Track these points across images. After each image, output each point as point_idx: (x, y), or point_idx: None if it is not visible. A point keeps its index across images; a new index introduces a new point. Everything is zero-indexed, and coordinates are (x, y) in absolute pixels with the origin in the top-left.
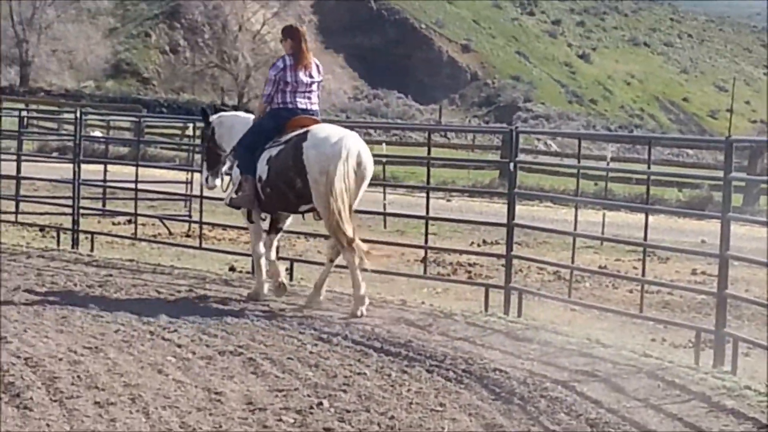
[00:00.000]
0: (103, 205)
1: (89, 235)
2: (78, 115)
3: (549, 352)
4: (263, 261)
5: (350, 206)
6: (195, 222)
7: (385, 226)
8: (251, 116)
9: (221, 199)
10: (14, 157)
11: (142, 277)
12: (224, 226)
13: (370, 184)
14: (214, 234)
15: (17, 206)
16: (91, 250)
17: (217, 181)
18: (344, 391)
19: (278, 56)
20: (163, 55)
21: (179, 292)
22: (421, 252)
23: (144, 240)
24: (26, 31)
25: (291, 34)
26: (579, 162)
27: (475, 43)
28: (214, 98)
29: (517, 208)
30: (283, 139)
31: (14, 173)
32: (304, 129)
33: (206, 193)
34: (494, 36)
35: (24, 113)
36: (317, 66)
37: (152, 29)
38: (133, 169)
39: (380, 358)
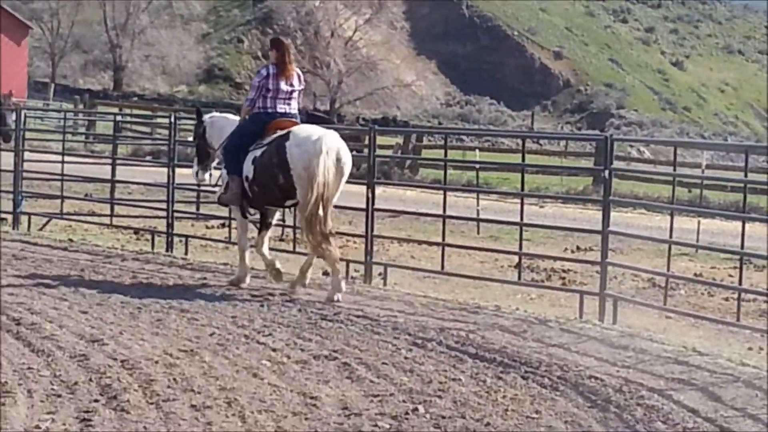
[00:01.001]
0: (197, 209)
1: (183, 239)
2: (172, 119)
3: (644, 360)
4: (247, 253)
5: (330, 198)
6: (288, 226)
7: (478, 232)
8: (237, 119)
9: None
10: (109, 160)
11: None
12: None
13: (464, 189)
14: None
15: (112, 209)
16: (186, 253)
17: (206, 175)
18: (439, 397)
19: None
20: (255, 61)
21: (273, 296)
22: (515, 258)
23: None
24: (120, 37)
25: (276, 45)
26: (675, 170)
27: (568, 50)
28: (306, 104)
29: (611, 214)
30: (266, 141)
31: (109, 176)
32: (286, 130)
33: None
34: (587, 43)
35: (119, 117)
36: (298, 76)
37: (245, 35)
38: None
39: (475, 364)
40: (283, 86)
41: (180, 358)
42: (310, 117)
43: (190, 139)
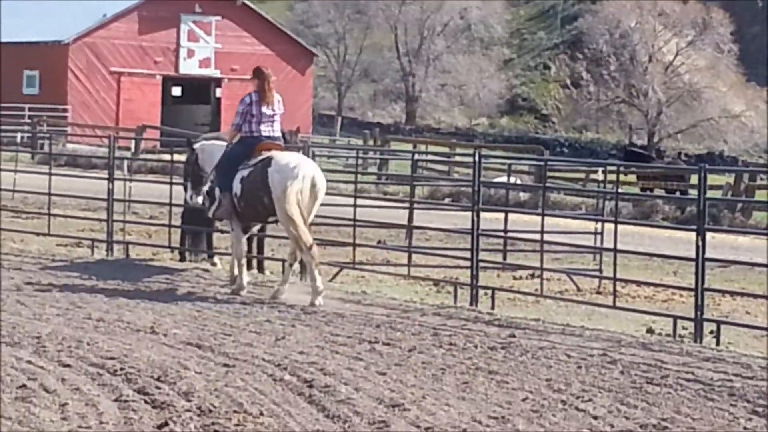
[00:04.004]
0: (504, 258)
1: (489, 291)
2: (476, 157)
3: None
4: (244, 260)
5: (305, 217)
6: (607, 278)
7: None
8: (225, 144)
9: (635, 252)
10: (404, 203)
11: (549, 339)
12: (639, 283)
13: None
14: (627, 291)
15: (410, 258)
16: (492, 307)
17: (199, 198)
18: None
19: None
20: (563, 90)
21: (591, 356)
22: None
23: (549, 297)
24: (413, 64)
25: (258, 75)
26: None
27: None
28: (620, 137)
29: None
30: (252, 163)
31: (404, 221)
32: (269, 155)
33: (620, 245)
34: None
35: (416, 156)
36: (278, 101)
37: (552, 60)
38: (533, 217)
39: None
40: (266, 111)
41: (490, 425)
42: (627, 154)
43: (496, 180)
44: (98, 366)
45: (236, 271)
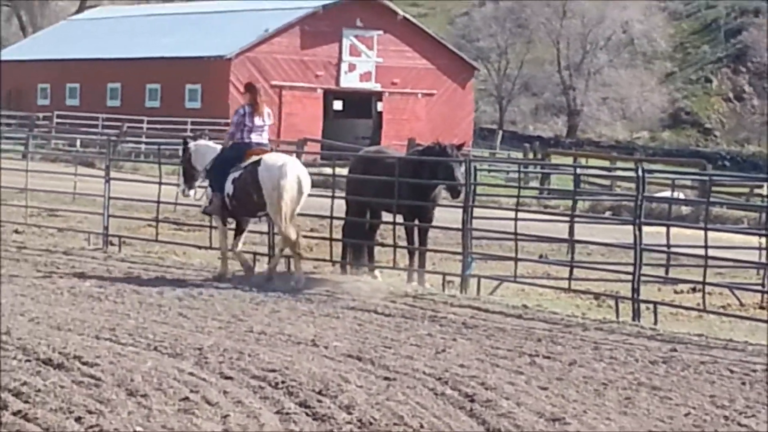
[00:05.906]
0: (666, 272)
1: (651, 305)
2: (639, 172)
3: None
4: (228, 254)
5: (293, 209)
6: None
7: None
8: (217, 146)
9: None
10: (564, 217)
11: (711, 353)
12: None
13: None
14: None
15: (571, 272)
16: (654, 322)
17: (191, 192)
18: None
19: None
20: (726, 103)
21: (755, 371)
22: None
23: (712, 312)
24: (573, 77)
25: (250, 89)
26: None
27: None
28: None
29: None
30: (243, 165)
31: (565, 235)
32: (259, 157)
33: None
34: None
35: (579, 170)
36: (268, 113)
37: (713, 74)
38: (694, 231)
39: None
40: (257, 122)
41: None
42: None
43: (665, 194)
44: (260, 378)
45: (227, 262)
